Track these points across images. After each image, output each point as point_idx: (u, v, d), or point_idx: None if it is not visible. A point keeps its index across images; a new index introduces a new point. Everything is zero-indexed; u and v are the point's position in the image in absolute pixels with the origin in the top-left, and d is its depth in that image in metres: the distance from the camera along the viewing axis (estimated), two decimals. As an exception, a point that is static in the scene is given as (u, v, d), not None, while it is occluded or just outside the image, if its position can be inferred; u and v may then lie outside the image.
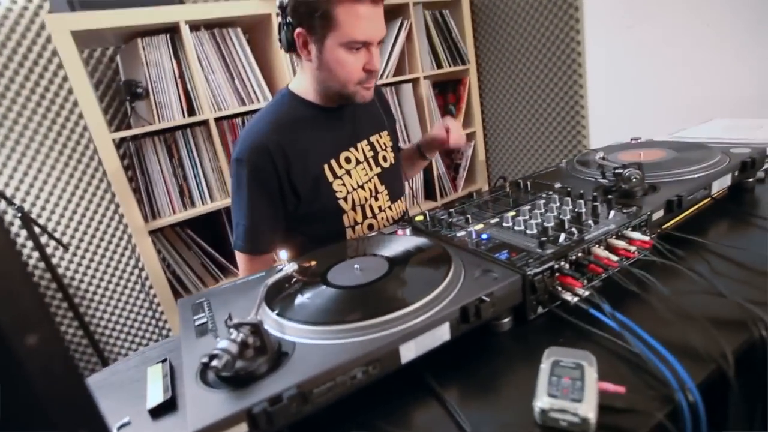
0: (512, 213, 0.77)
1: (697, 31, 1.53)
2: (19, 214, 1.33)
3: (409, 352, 0.50)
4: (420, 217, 0.86)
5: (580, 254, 0.63)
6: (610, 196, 0.76)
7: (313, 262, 0.71)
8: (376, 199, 1.06)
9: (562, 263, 0.61)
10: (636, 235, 0.67)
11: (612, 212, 0.71)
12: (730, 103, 1.48)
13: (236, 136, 1.71)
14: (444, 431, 0.45)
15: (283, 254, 0.71)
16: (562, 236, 0.65)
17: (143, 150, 1.53)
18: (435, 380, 0.51)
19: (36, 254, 1.49)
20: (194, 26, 1.55)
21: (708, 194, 0.82)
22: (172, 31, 1.53)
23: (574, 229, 0.66)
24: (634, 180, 0.78)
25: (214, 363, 0.44)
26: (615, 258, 0.63)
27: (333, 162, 0.98)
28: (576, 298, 0.58)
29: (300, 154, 0.94)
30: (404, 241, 0.72)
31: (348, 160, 1.01)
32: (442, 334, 0.52)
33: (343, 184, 0.99)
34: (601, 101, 1.90)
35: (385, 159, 1.09)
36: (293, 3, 0.85)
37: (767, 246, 0.69)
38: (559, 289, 0.60)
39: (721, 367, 0.46)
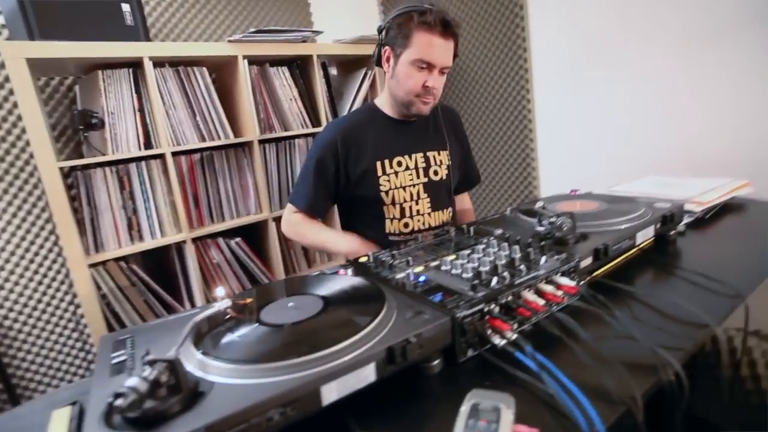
0: (452, 257, 0.79)
1: (638, 92, 1.69)
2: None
3: (331, 393, 0.49)
4: (364, 258, 0.87)
5: (510, 298, 0.65)
6: (543, 243, 0.80)
7: (249, 300, 0.69)
8: (417, 203, 1.24)
9: (492, 306, 0.63)
10: (564, 280, 0.70)
11: (544, 258, 0.75)
12: (663, 161, 1.61)
13: (195, 171, 1.69)
14: (360, 477, 0.44)
15: (220, 291, 0.69)
16: (495, 280, 0.67)
17: (92, 180, 1.49)
18: (357, 423, 0.50)
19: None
20: (158, 63, 1.57)
21: (633, 245, 0.87)
22: (135, 66, 1.54)
23: (506, 274, 0.69)
24: (565, 228, 0.83)
25: (118, 402, 0.41)
26: (542, 302, 0.65)
27: (386, 161, 1.20)
28: (503, 341, 0.59)
29: (359, 149, 1.19)
30: (341, 281, 0.72)
31: (399, 164, 1.21)
32: (368, 375, 0.52)
33: (388, 181, 1.20)
34: (551, 154, 2.03)
35: (436, 173, 1.26)
36: (388, 27, 1.11)
37: (683, 295, 0.73)
38: (489, 331, 0.61)
39: (631, 410, 0.47)
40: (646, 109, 1.67)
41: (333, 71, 2.18)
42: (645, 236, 0.89)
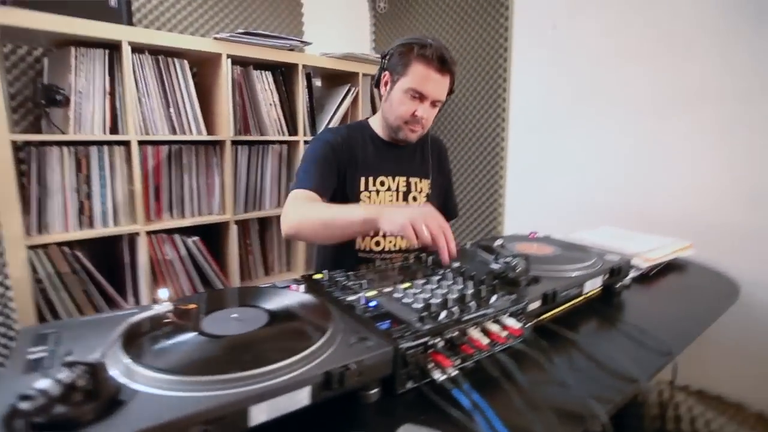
0: (406, 285, 0.79)
1: (603, 149, 1.78)
2: None
3: (260, 414, 0.47)
4: (319, 275, 0.86)
5: (455, 333, 0.66)
6: (496, 282, 0.82)
7: (193, 306, 0.67)
8: None
9: (437, 340, 0.63)
10: (511, 321, 0.72)
11: (495, 297, 0.76)
12: (619, 214, 1.69)
13: (160, 163, 1.64)
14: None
15: (163, 293, 0.67)
16: (443, 314, 0.67)
17: (46, 158, 1.41)
18: (284, 448, 0.49)
19: None
20: (138, 49, 1.53)
21: (581, 293, 0.90)
22: (112, 48, 1.49)
23: (456, 309, 0.70)
24: (519, 270, 0.85)
25: (23, 406, 0.38)
26: (486, 341, 0.66)
27: (370, 178, 1.23)
28: (443, 376, 0.59)
29: (351, 159, 1.21)
30: (291, 297, 0.71)
31: (382, 183, 1.24)
32: (302, 398, 0.50)
33: (369, 197, 1.22)
34: (518, 195, 2.10)
35: (415, 199, 1.29)
36: (391, 54, 1.17)
37: (620, 348, 0.76)
38: (431, 365, 0.62)
39: (555, 459, 0.48)
40: (609, 164, 1.76)
41: (317, 83, 2.19)
42: (593, 286, 0.93)
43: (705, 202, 1.52)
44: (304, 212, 1.02)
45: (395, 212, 0.87)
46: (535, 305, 0.80)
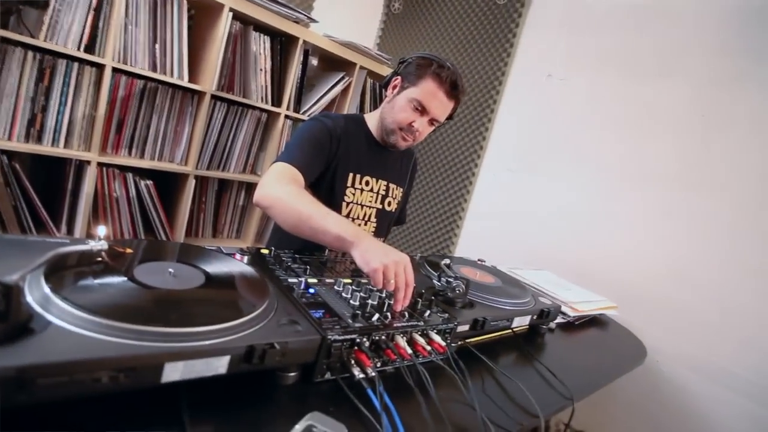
0: (348, 280, 0.81)
1: (559, 199, 1.88)
2: None
3: (174, 372, 0.47)
4: (266, 251, 0.85)
5: (383, 337, 0.68)
6: (433, 298, 0.85)
7: (128, 250, 0.65)
8: (365, 224, 1.30)
9: (364, 339, 0.65)
10: (437, 338, 0.75)
11: (428, 312, 0.79)
12: (561, 262, 1.79)
13: (131, 96, 1.56)
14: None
15: (101, 230, 0.64)
16: (376, 316, 0.69)
17: (5, 57, 1.31)
18: (189, 411, 0.49)
19: None
20: (137, -27, 1.45)
21: (509, 326, 0.95)
22: (110, -36, 1.41)
23: (389, 314, 0.72)
24: (457, 291, 0.88)
25: (-76, 310, 0.36)
26: (410, 351, 0.69)
27: (358, 175, 1.24)
28: (361, 375, 0.61)
29: (346, 151, 1.21)
30: (232, 264, 0.70)
31: (367, 183, 1.27)
32: (219, 366, 0.50)
33: (353, 194, 1.24)
34: (476, 221, 2.17)
35: (389, 204, 1.34)
36: (408, 62, 1.19)
37: (531, 383, 0.81)
38: (352, 362, 0.63)
39: (444, 472, 0.51)
40: (562, 217, 1.87)
41: (314, 61, 2.17)
42: (521, 322, 0.98)
43: (635, 271, 1.65)
44: (286, 194, 0.95)
45: (372, 249, 0.79)
46: (464, 328, 0.83)
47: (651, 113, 1.68)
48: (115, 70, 1.47)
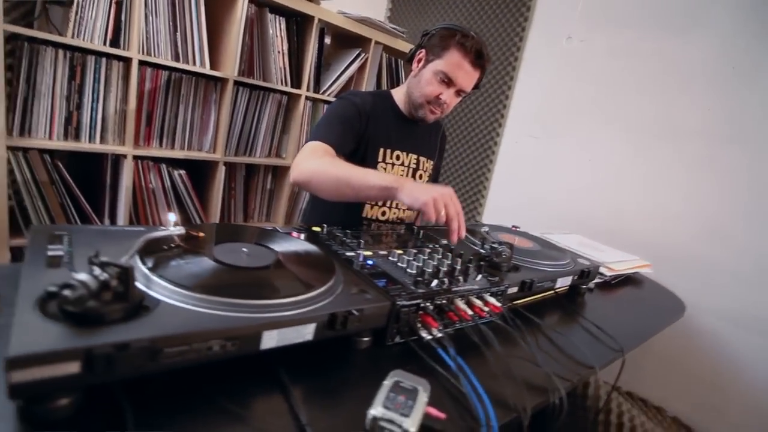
0: (400, 251, 0.84)
1: (587, 164, 1.87)
2: None
3: (271, 339, 0.51)
4: (318, 228, 0.89)
5: (444, 301, 0.71)
6: (482, 263, 0.88)
7: (202, 234, 0.69)
8: None
9: (428, 304, 0.69)
10: (492, 299, 0.78)
11: (479, 276, 0.83)
12: (591, 225, 1.81)
13: (158, 89, 1.59)
14: (279, 419, 0.47)
15: (172, 217, 0.68)
16: (435, 282, 0.73)
17: (38, 58, 1.34)
18: (287, 375, 0.53)
19: None
20: (154, -37, 1.46)
21: (552, 287, 0.99)
22: (126, -44, 1.41)
23: (446, 280, 0.75)
24: (504, 256, 0.91)
25: (66, 293, 0.41)
26: (470, 312, 0.72)
27: (388, 150, 1.25)
28: (430, 337, 0.65)
29: (375, 128, 1.21)
30: (297, 243, 0.74)
31: (398, 158, 1.27)
32: (307, 333, 0.55)
33: (384, 169, 1.25)
34: (501, 189, 2.18)
35: (420, 177, 1.35)
36: (432, 34, 1.18)
37: (580, 338, 0.85)
38: (419, 325, 0.67)
39: (520, 417, 0.56)
40: (591, 178, 1.86)
41: (327, 40, 2.15)
42: (563, 283, 1.01)
43: (667, 229, 1.65)
44: (321, 164, 0.99)
45: (418, 187, 0.86)
46: (513, 290, 0.87)
47: (679, 68, 1.65)
48: (140, 63, 1.49)
